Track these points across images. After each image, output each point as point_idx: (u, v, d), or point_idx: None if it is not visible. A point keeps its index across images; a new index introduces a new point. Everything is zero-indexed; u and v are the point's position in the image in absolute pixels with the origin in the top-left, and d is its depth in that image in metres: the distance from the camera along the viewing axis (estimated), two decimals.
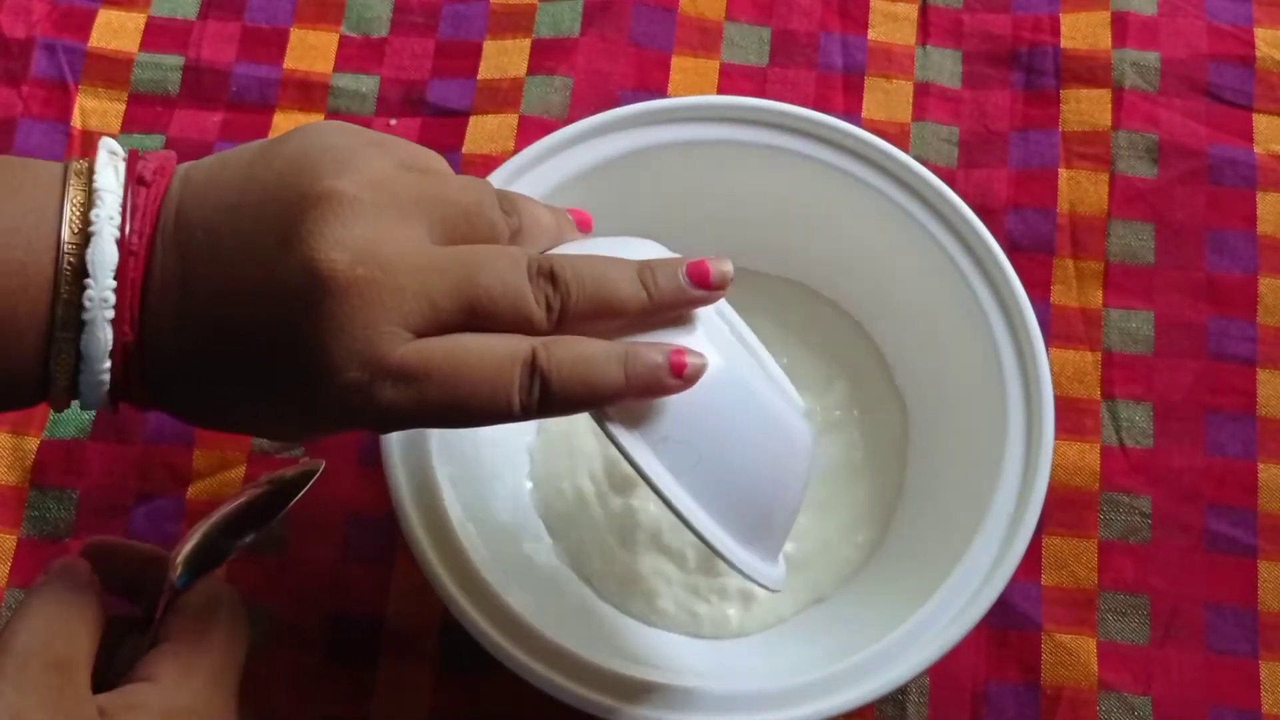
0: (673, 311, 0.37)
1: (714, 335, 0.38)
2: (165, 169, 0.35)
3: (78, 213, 0.33)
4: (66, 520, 0.52)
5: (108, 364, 0.34)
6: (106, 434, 0.54)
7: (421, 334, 0.33)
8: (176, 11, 0.61)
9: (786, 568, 0.50)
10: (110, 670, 0.38)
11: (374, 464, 0.47)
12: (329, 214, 0.33)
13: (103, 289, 0.33)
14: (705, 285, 0.37)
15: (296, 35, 0.61)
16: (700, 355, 0.36)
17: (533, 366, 0.34)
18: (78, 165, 0.34)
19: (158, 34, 0.61)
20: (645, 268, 0.36)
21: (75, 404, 0.35)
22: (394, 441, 0.45)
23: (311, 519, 0.52)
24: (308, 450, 0.53)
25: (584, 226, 0.40)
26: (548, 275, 0.35)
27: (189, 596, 0.39)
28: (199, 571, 0.39)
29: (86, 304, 0.33)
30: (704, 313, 0.38)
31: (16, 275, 0.33)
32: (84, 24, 0.61)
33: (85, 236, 0.33)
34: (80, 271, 0.33)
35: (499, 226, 0.36)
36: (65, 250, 0.33)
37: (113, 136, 0.54)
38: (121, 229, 0.33)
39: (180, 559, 0.39)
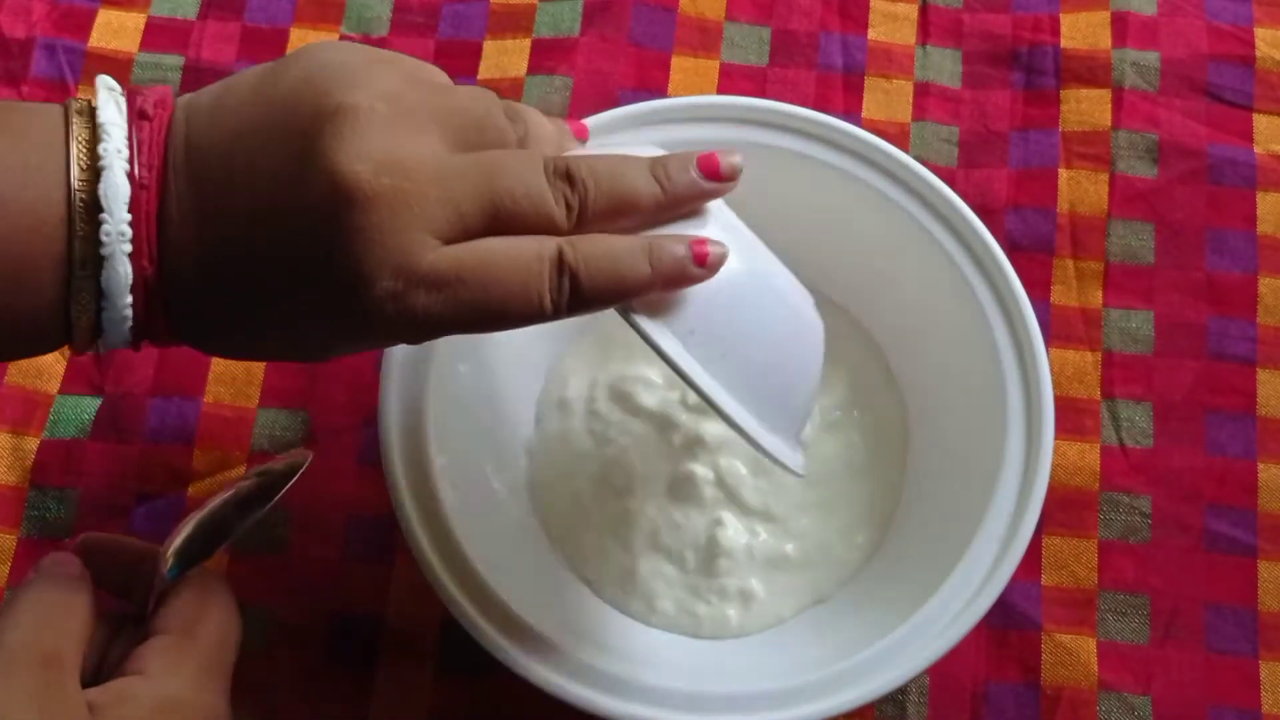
0: (686, 206, 0.37)
1: (728, 226, 0.38)
2: (165, 102, 0.35)
3: (84, 149, 0.33)
4: (66, 520, 0.52)
5: (129, 299, 0.34)
6: (106, 434, 0.54)
7: (449, 240, 0.34)
8: (176, 11, 0.61)
9: (786, 568, 0.50)
10: (103, 666, 0.38)
11: (374, 464, 0.47)
12: (345, 127, 0.33)
13: (119, 222, 0.33)
14: (716, 177, 0.37)
15: (297, 35, 0.61)
16: (720, 244, 0.36)
17: (561, 264, 0.34)
18: (78, 104, 0.34)
19: (158, 34, 0.61)
20: (657, 163, 0.37)
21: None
22: (394, 441, 0.45)
23: (311, 519, 0.52)
24: (307, 446, 0.53)
25: (580, 136, 0.41)
26: (564, 175, 0.35)
27: (179, 589, 0.39)
28: (189, 564, 0.39)
29: (104, 239, 0.33)
30: (715, 206, 0.38)
31: (28, 215, 0.33)
32: (84, 24, 0.61)
33: (95, 172, 0.33)
34: (94, 207, 0.33)
35: (507, 133, 0.36)
36: (76, 188, 0.33)
37: None
38: (130, 162, 0.33)
39: (170, 552, 0.39)
